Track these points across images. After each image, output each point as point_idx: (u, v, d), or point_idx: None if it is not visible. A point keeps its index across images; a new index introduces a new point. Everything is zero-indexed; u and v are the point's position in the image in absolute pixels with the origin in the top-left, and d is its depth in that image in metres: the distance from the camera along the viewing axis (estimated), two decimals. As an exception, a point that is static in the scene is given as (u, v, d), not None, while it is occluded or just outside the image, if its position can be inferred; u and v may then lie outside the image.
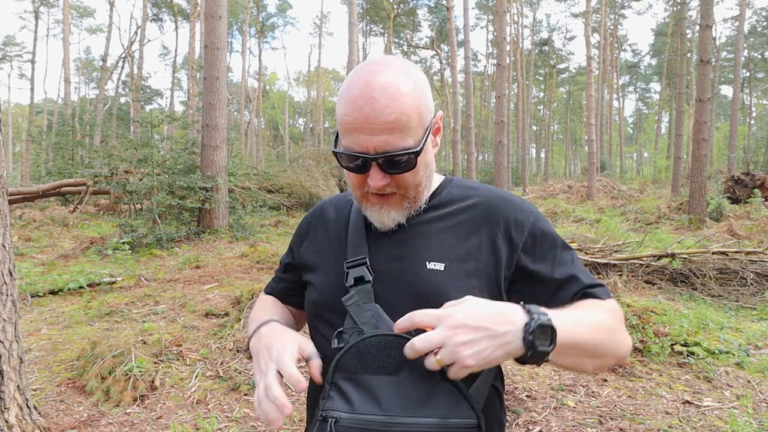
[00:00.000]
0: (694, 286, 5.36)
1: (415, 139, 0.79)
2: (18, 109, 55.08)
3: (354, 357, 0.73)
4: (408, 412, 0.69)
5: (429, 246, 0.86)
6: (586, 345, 0.74)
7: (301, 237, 1.02)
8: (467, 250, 0.85)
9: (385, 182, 0.81)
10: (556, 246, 0.88)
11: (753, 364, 3.47)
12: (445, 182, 0.96)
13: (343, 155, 0.82)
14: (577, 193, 19.61)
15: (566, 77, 48.33)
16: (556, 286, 0.85)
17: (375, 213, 0.86)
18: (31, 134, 26.43)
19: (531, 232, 0.87)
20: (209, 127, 9.59)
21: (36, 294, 5.29)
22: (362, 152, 0.79)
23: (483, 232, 0.87)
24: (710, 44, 10.49)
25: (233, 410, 2.92)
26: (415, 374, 0.70)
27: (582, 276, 0.86)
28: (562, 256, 0.88)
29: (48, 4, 34.18)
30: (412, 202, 0.86)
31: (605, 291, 0.86)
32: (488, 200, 0.91)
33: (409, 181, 0.83)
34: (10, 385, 2.39)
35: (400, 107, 0.77)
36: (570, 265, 0.87)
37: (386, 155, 0.78)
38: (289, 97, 49.00)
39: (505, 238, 0.86)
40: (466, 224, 0.88)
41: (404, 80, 0.78)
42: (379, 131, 0.77)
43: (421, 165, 0.84)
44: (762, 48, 38.92)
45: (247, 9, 33.68)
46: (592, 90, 19.72)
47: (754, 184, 12.76)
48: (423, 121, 0.81)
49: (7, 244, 2.44)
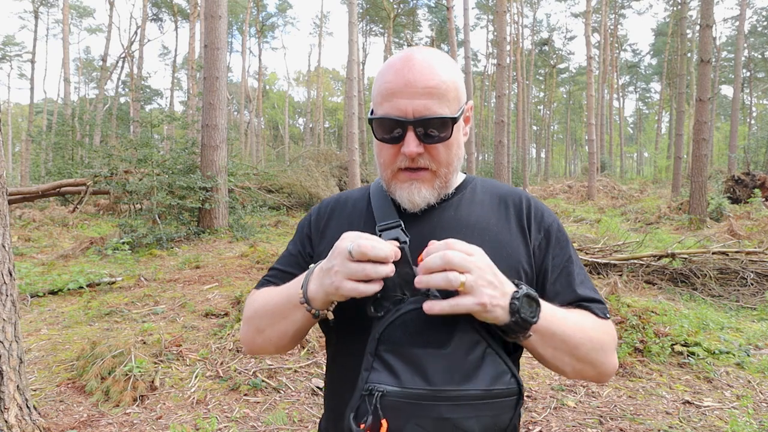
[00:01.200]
0: (695, 286, 5.35)
1: (452, 111, 0.81)
2: (18, 109, 55.08)
3: (399, 329, 0.72)
4: (455, 385, 0.69)
5: (459, 236, 0.82)
6: (568, 340, 0.77)
7: (319, 225, 0.97)
8: (497, 241, 0.86)
9: (420, 150, 0.81)
10: (567, 254, 0.90)
11: (753, 364, 3.47)
12: (469, 178, 0.97)
13: (379, 124, 0.82)
14: (577, 193, 19.61)
15: (566, 77, 48.33)
16: (558, 293, 0.87)
17: (405, 191, 0.85)
18: (31, 134, 26.42)
19: (547, 233, 0.90)
20: (209, 127, 9.58)
21: (36, 294, 5.28)
22: (401, 116, 0.80)
23: (512, 224, 0.89)
24: (710, 44, 10.49)
25: (233, 410, 2.92)
26: (462, 348, 0.71)
27: (584, 289, 0.88)
28: (571, 265, 0.90)
29: (48, 4, 34.18)
30: (443, 181, 0.85)
31: (603, 309, 0.88)
32: (513, 196, 0.93)
33: (442, 156, 0.83)
34: (10, 386, 2.38)
35: (440, 76, 0.80)
36: (575, 276, 0.89)
37: (425, 119, 0.79)
38: (289, 97, 48.99)
39: (527, 234, 0.88)
40: (494, 217, 0.89)
41: (443, 57, 0.83)
42: (419, 95, 0.79)
43: (455, 142, 0.84)
44: (762, 48, 38.91)
45: (247, 9, 33.67)
46: (592, 90, 19.72)
47: (754, 184, 12.75)
48: (459, 97, 0.84)
49: (6, 244, 2.44)
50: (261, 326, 0.88)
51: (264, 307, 0.89)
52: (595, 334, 0.82)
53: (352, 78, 13.30)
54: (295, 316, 0.81)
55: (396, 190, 0.86)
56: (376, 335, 0.72)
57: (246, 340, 0.93)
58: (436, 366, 0.69)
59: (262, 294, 0.92)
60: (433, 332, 0.71)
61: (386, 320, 0.72)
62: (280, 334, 0.86)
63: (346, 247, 0.71)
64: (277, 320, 0.85)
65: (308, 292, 0.77)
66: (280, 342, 0.88)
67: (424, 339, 0.71)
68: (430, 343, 0.71)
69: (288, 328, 0.85)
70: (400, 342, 0.71)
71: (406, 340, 0.71)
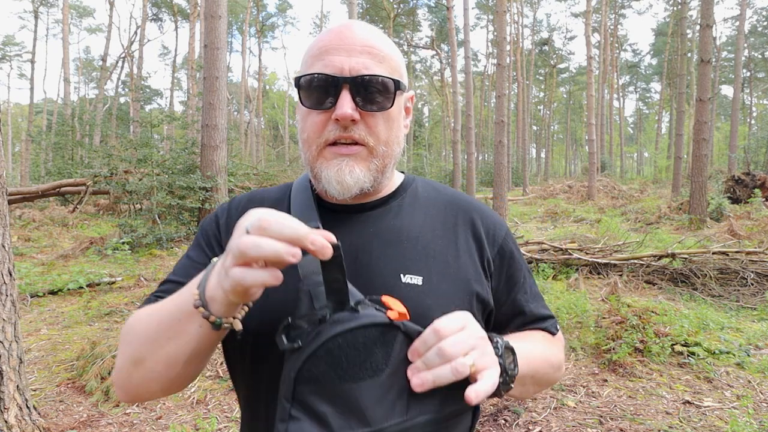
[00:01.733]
0: (695, 286, 5.35)
1: (395, 79, 0.70)
2: (17, 109, 55.08)
3: (322, 362, 0.53)
4: (399, 416, 0.55)
5: (402, 251, 0.72)
6: (535, 375, 0.73)
7: (229, 226, 0.76)
8: (445, 259, 0.73)
9: (355, 116, 0.67)
10: (520, 269, 0.83)
11: (753, 364, 3.47)
12: (409, 178, 0.84)
13: (307, 86, 0.69)
14: (577, 193, 19.61)
15: (566, 77, 48.32)
16: (511, 313, 0.81)
17: (333, 169, 0.69)
18: (31, 134, 26.42)
19: (501, 250, 0.80)
20: (209, 127, 9.58)
21: (35, 294, 5.28)
22: (335, 73, 0.67)
23: (459, 238, 0.77)
24: (711, 44, 10.49)
25: (233, 410, 2.92)
26: (402, 367, 0.56)
27: (537, 307, 0.83)
28: (524, 281, 0.83)
29: (47, 4, 34.18)
30: (380, 163, 0.71)
31: (555, 324, 0.85)
32: (459, 203, 0.81)
33: (381, 130, 0.70)
34: (10, 386, 2.38)
35: (382, 41, 0.72)
36: (528, 293, 0.83)
37: (363, 77, 0.67)
38: (289, 96, 48.96)
39: (478, 250, 0.77)
40: (440, 228, 0.77)
41: (382, 33, 0.74)
42: (357, 52, 0.68)
43: (396, 119, 0.73)
44: (762, 48, 38.91)
45: (247, 9, 33.67)
46: (592, 90, 19.71)
47: (754, 184, 12.75)
48: (402, 73, 0.74)
49: (6, 244, 2.44)
50: (140, 354, 0.63)
51: (146, 328, 0.63)
52: (554, 356, 0.79)
53: (352, 78, 13.27)
54: (189, 330, 0.58)
55: (322, 171, 0.70)
56: (292, 373, 0.53)
57: (119, 379, 0.66)
58: (373, 398, 0.54)
59: (143, 313, 0.66)
60: (367, 358, 0.54)
61: (304, 352, 0.53)
62: (168, 362, 0.61)
63: (243, 224, 0.53)
64: (162, 342, 0.61)
65: (206, 292, 0.56)
66: (168, 373, 0.62)
67: (357, 369, 0.54)
68: (363, 372, 0.54)
69: (179, 350, 0.60)
70: (327, 378, 0.53)
71: (334, 375, 0.53)
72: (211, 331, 0.57)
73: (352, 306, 0.56)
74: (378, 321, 0.55)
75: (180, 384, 0.66)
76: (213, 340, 0.60)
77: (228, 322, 0.57)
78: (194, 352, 0.61)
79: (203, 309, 0.56)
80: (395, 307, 0.56)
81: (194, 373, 0.66)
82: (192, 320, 0.58)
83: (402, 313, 0.56)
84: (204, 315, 0.56)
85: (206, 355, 0.64)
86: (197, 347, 0.60)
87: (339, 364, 0.54)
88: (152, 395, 0.66)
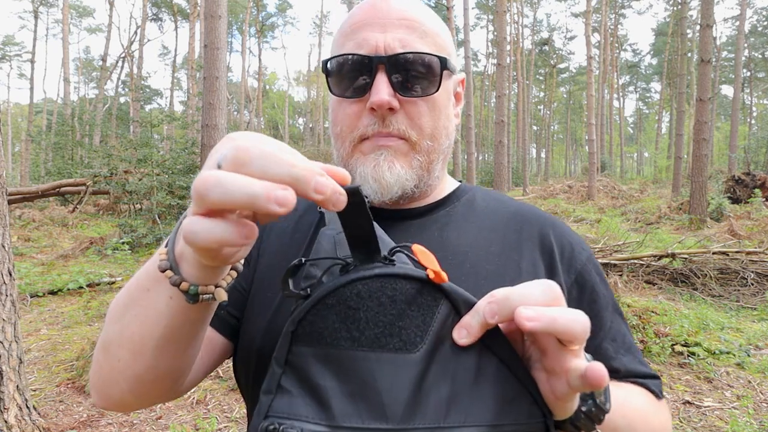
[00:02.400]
0: (695, 286, 5.35)
1: (441, 56, 0.59)
2: (17, 109, 55.08)
3: (332, 314, 0.39)
4: (430, 417, 0.38)
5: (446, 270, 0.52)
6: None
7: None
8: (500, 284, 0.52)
9: (394, 103, 0.56)
10: (607, 307, 0.63)
11: (754, 364, 3.47)
12: (465, 187, 0.71)
13: (337, 71, 0.59)
14: (577, 193, 19.60)
15: (566, 77, 48.34)
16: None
17: (370, 165, 0.58)
18: (31, 134, 26.42)
19: (580, 278, 0.63)
20: (209, 127, 9.58)
21: (35, 294, 5.28)
22: (369, 52, 0.57)
23: (524, 258, 0.62)
24: (711, 44, 10.49)
25: (233, 410, 2.92)
26: (441, 352, 0.39)
27: (632, 362, 0.63)
28: (611, 325, 0.63)
29: (47, 4, 34.19)
30: (424, 159, 0.60)
31: (659, 385, 0.64)
32: (527, 216, 0.66)
33: (425, 120, 0.59)
34: (10, 386, 2.38)
35: (423, 12, 0.60)
36: (619, 341, 0.63)
37: (401, 55, 0.56)
38: (288, 96, 48.98)
39: (548, 274, 0.62)
40: (498, 245, 0.62)
41: (424, 5, 0.63)
42: (393, 26, 0.57)
43: (443, 107, 0.61)
44: (763, 47, 38.92)
45: (247, 9, 33.68)
46: (592, 90, 19.72)
47: (754, 184, 12.74)
48: (450, 51, 0.62)
49: (6, 244, 2.44)
50: (107, 337, 0.50)
51: (115, 306, 0.50)
52: (657, 420, 0.60)
53: (352, 78, 13.29)
54: (156, 303, 0.44)
55: (357, 168, 0.59)
56: (290, 326, 0.39)
57: (92, 375, 0.54)
58: (398, 381, 0.38)
59: (121, 290, 0.51)
60: (396, 320, 0.39)
61: (312, 299, 0.39)
62: (133, 346, 0.47)
63: (215, 155, 0.37)
64: (129, 320, 0.47)
65: (177, 247, 0.42)
66: (135, 364, 0.47)
67: (379, 331, 0.38)
68: (388, 339, 0.38)
69: (146, 331, 0.46)
70: (336, 338, 0.39)
71: (347, 334, 0.38)
72: (186, 305, 0.42)
73: (385, 255, 0.42)
74: (416, 274, 0.39)
75: (155, 387, 0.50)
76: (190, 320, 0.44)
77: (207, 291, 0.41)
78: (167, 334, 0.45)
79: (171, 273, 0.41)
80: (429, 264, 0.40)
81: (174, 370, 0.50)
82: (160, 289, 0.43)
83: (437, 272, 0.39)
84: (173, 281, 0.41)
85: (187, 341, 0.47)
86: (170, 327, 0.44)
87: (355, 320, 0.38)
88: (123, 397, 0.51)
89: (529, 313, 0.36)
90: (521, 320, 0.35)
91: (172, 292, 0.42)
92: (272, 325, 0.57)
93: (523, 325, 0.35)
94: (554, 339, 0.37)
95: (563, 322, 0.36)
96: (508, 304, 0.37)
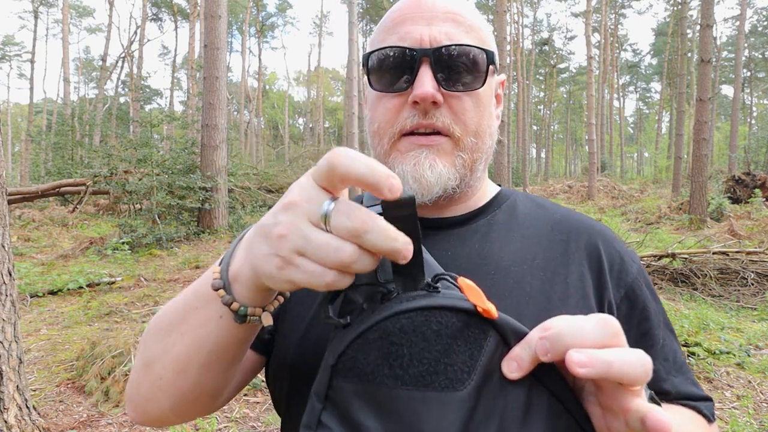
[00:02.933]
0: (695, 286, 5.35)
1: (487, 50, 0.58)
2: (17, 109, 55.09)
3: (375, 350, 0.37)
4: None
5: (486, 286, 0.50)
6: None
7: None
8: (545, 299, 0.56)
9: (438, 97, 0.54)
10: (658, 325, 0.60)
11: (754, 364, 3.47)
12: (506, 192, 0.67)
13: (378, 65, 0.57)
14: (577, 193, 19.61)
15: (566, 77, 48.34)
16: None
17: (410, 163, 0.56)
18: (31, 134, 26.43)
19: (630, 293, 0.59)
20: (209, 127, 9.58)
21: (35, 294, 5.28)
22: (413, 45, 0.55)
23: (571, 271, 0.58)
24: (711, 44, 10.49)
25: (233, 410, 2.92)
26: (490, 388, 0.37)
27: (683, 383, 0.60)
28: (663, 344, 0.60)
29: (47, 4, 34.20)
30: (468, 158, 0.57)
31: (711, 408, 0.62)
32: (573, 224, 0.63)
33: (470, 116, 0.57)
34: (10, 386, 2.38)
35: (467, 8, 0.59)
36: (671, 360, 0.60)
37: (447, 48, 0.55)
38: (288, 96, 48.99)
39: (596, 288, 0.58)
40: (543, 256, 0.59)
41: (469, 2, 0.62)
42: (439, 20, 0.56)
43: (487, 104, 0.59)
44: (763, 47, 38.93)
45: (247, 8, 33.69)
46: (592, 90, 19.72)
47: (754, 184, 12.74)
48: (493, 47, 0.60)
49: (6, 244, 2.44)
50: (149, 355, 0.50)
51: (159, 323, 0.51)
52: None
53: (352, 78, 13.30)
54: (206, 322, 0.45)
55: (396, 167, 0.57)
56: (331, 359, 0.38)
57: (129, 390, 0.54)
58: (446, 424, 0.36)
59: (164, 306, 0.53)
60: (441, 357, 0.37)
61: (352, 332, 0.38)
62: (177, 366, 0.48)
63: (314, 197, 0.36)
64: (175, 338, 0.47)
65: (232, 267, 0.43)
66: (178, 382, 0.48)
67: (424, 369, 0.37)
68: (434, 377, 0.37)
69: (192, 350, 0.46)
70: (378, 375, 0.37)
71: (389, 372, 0.37)
72: (234, 325, 0.43)
73: (429, 282, 0.39)
74: (463, 306, 0.37)
75: (196, 404, 0.51)
76: (236, 340, 0.46)
77: (255, 313, 0.43)
78: (213, 353, 0.46)
79: (224, 292, 0.43)
80: (477, 301, 0.38)
81: (216, 388, 0.51)
82: (210, 308, 0.44)
83: (487, 310, 0.37)
84: (225, 300, 0.42)
85: (230, 361, 0.48)
86: (217, 346, 0.46)
87: (398, 356, 0.37)
88: (162, 414, 0.51)
89: (582, 359, 0.33)
90: (572, 366, 0.34)
91: (223, 311, 0.44)
92: (305, 339, 0.56)
93: (575, 371, 0.33)
94: None
95: (620, 366, 0.34)
96: (561, 342, 0.35)
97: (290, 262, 0.36)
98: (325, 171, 0.35)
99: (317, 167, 0.36)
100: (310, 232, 0.35)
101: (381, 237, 0.34)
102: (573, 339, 0.35)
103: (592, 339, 0.35)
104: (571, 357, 0.34)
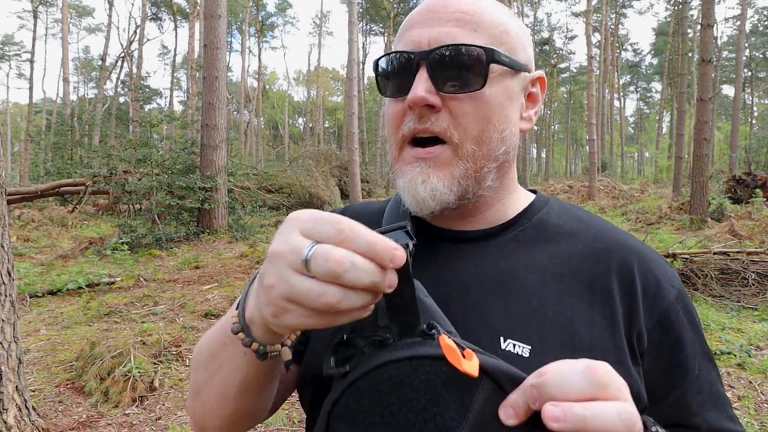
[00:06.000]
0: (696, 286, 5.34)
1: (487, 47, 0.54)
2: (16, 109, 55.09)
3: (365, 398, 0.38)
4: None
5: (507, 306, 0.53)
6: None
7: None
8: (569, 324, 0.52)
9: (432, 99, 0.52)
10: (694, 355, 0.56)
11: (754, 364, 3.46)
12: (540, 200, 0.63)
13: (384, 71, 0.57)
14: (578, 193, 19.60)
15: (567, 77, 48.33)
16: (674, 418, 0.55)
17: (407, 177, 0.55)
18: (30, 134, 26.42)
19: (663, 320, 0.55)
20: (208, 127, 9.57)
21: (35, 294, 5.27)
22: (412, 48, 0.54)
23: (598, 298, 0.54)
24: (711, 43, 10.48)
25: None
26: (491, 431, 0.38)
27: (717, 417, 0.56)
28: (699, 375, 0.56)
29: (47, 4, 34.20)
30: (468, 166, 0.54)
31: None
32: (609, 242, 0.57)
33: (469, 121, 0.53)
34: (9, 386, 2.37)
35: (481, 4, 0.56)
36: (705, 393, 0.56)
37: (443, 48, 0.52)
38: (288, 96, 48.99)
39: (626, 315, 0.54)
40: (571, 276, 0.55)
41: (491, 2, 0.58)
42: (443, 20, 0.54)
43: (495, 103, 0.54)
44: (763, 47, 38.93)
45: (247, 8, 33.69)
46: (593, 89, 19.72)
47: (755, 184, 12.73)
48: (512, 45, 0.56)
49: (5, 245, 2.43)
50: (196, 383, 0.56)
51: (199, 354, 0.57)
52: None
53: (352, 78, 13.29)
54: (234, 358, 0.49)
55: (398, 180, 0.57)
56: (327, 406, 0.40)
57: (189, 411, 0.61)
58: None
59: (206, 334, 0.58)
60: (430, 406, 0.37)
61: (346, 380, 0.40)
62: (218, 394, 0.53)
63: (295, 245, 0.37)
64: (212, 371, 0.53)
65: (246, 312, 0.46)
66: (221, 408, 0.54)
67: (413, 418, 0.37)
68: (424, 426, 0.37)
69: (228, 381, 0.51)
70: (369, 422, 0.38)
71: (379, 420, 0.38)
72: (257, 360, 0.47)
73: (423, 329, 0.40)
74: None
75: (243, 423, 0.56)
76: (263, 371, 0.49)
77: (274, 350, 0.46)
78: (245, 383, 0.51)
79: (243, 335, 0.46)
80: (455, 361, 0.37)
81: (256, 410, 0.56)
82: (236, 346, 0.48)
83: (467, 372, 0.37)
84: (245, 343, 0.46)
85: (262, 388, 0.53)
86: (247, 378, 0.50)
87: (388, 405, 0.37)
88: (216, 430, 0.57)
89: (556, 413, 0.33)
90: (546, 420, 0.33)
91: (246, 349, 0.47)
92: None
93: (549, 425, 0.33)
94: None
95: (595, 422, 0.33)
96: (544, 392, 0.35)
97: (284, 309, 0.37)
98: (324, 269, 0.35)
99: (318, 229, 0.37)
100: (294, 280, 0.36)
101: (359, 274, 0.35)
102: (555, 389, 0.35)
103: (576, 390, 0.35)
104: (545, 411, 0.34)
